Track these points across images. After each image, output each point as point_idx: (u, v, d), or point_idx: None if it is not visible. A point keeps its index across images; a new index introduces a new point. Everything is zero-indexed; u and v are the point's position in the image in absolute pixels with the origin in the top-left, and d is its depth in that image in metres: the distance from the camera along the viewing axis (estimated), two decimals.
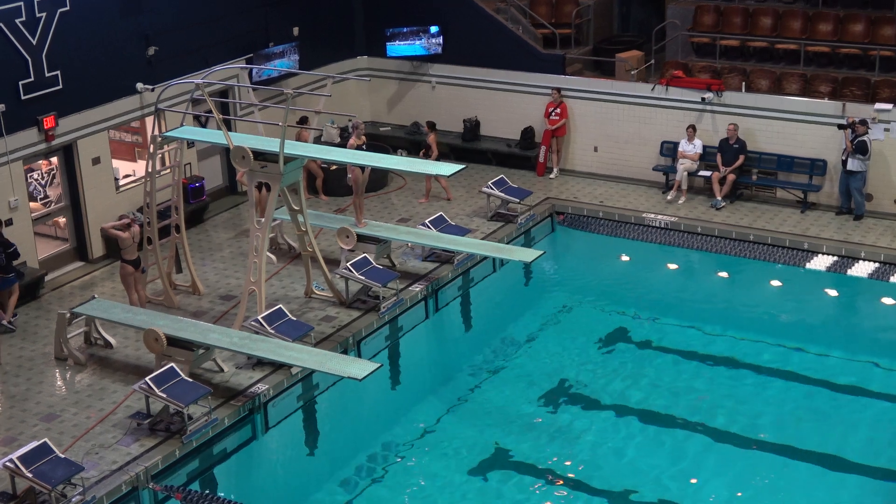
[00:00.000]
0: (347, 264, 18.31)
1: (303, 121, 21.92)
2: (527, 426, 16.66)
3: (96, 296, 17.81)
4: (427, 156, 22.95)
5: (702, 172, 22.40)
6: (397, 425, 16.80)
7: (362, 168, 20.02)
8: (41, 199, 19.97)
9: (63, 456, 13.70)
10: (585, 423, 16.70)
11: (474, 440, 16.27)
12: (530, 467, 15.72)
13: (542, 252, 19.32)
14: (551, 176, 23.93)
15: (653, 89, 22.93)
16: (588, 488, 15.18)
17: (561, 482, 15.38)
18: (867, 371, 17.77)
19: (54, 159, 19.82)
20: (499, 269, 20.67)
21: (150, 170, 18.13)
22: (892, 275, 19.61)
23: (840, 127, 20.83)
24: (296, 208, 17.86)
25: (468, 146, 24.77)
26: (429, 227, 19.85)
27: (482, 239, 20.48)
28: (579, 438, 16.32)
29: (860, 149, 20.61)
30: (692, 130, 22.27)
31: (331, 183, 22.96)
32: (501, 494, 15.14)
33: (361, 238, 19.25)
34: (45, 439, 13.80)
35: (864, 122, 20.66)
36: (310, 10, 24.18)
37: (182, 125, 18.54)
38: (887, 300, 19.68)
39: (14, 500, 13.47)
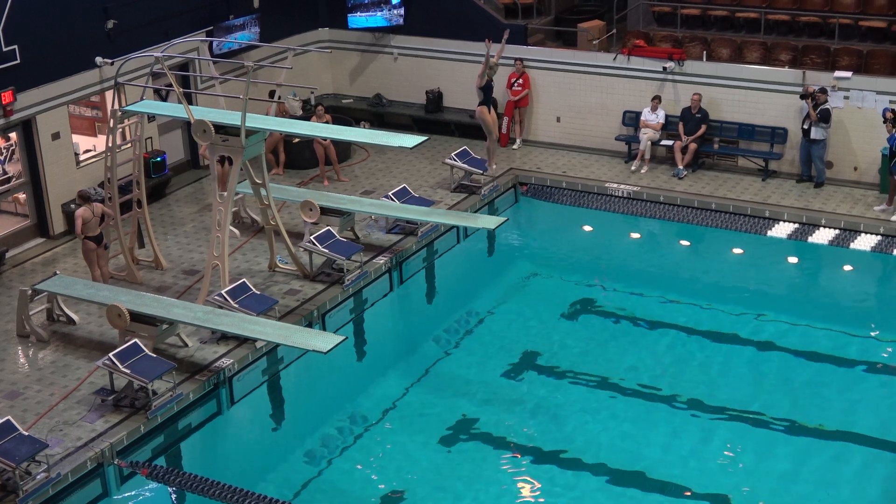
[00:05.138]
0: (311, 237, 18.28)
1: (272, 95, 21.80)
2: (493, 396, 16.73)
3: (58, 272, 17.71)
4: None
5: (664, 142, 22.49)
6: (363, 398, 16.82)
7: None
8: None
9: (27, 433, 13.65)
10: (551, 392, 16.80)
11: (441, 411, 16.32)
12: (497, 437, 15.80)
13: (505, 219, 19.36)
14: (514, 147, 23.95)
15: (615, 59, 22.97)
16: (553, 457, 15.28)
17: (527, 451, 15.47)
18: (827, 337, 17.94)
19: (13, 135, 19.63)
20: (463, 240, 20.72)
21: (110, 144, 18.01)
22: (852, 241, 19.81)
23: (802, 97, 20.95)
24: (258, 182, 17.80)
25: (431, 118, 24.74)
26: (392, 200, 19.84)
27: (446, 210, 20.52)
28: (544, 408, 16.41)
29: (824, 117, 20.75)
30: (657, 101, 22.32)
31: (293, 156, 22.90)
32: (468, 464, 15.21)
33: (325, 211, 19.22)
34: (9, 417, 13.75)
35: (823, 91, 20.79)
36: None
37: (142, 99, 18.41)
38: (847, 267, 19.89)
39: None
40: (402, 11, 24.68)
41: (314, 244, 18.09)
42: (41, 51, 19.44)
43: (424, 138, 17.43)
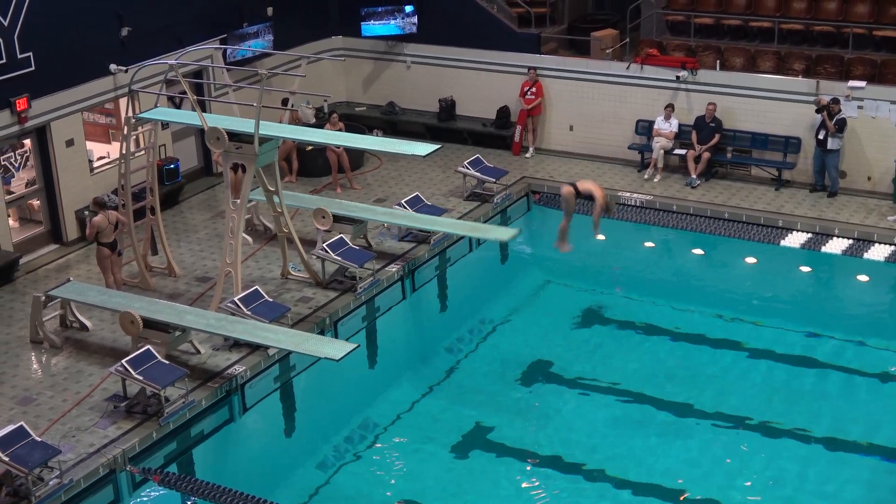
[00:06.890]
0: (324, 245, 18.29)
1: (285, 103, 21.84)
2: (505, 405, 16.70)
3: (71, 278, 17.74)
4: None
5: (677, 151, 22.46)
6: (375, 405, 16.81)
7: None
8: (14, 182, 19.85)
9: (39, 439, 13.66)
10: (563, 401, 16.76)
11: (453, 420, 16.30)
12: (509, 446, 15.76)
13: (517, 230, 19.41)
14: (527, 155, 23.94)
15: (628, 68, 22.96)
16: (566, 466, 15.24)
17: (539, 460, 15.44)
18: (840, 347, 17.89)
19: (27, 142, 19.69)
20: (475, 248, 20.70)
21: (124, 151, 18.04)
22: (866, 251, 19.75)
23: (817, 111, 20.89)
24: (271, 189, 17.81)
25: (444, 126, 24.75)
26: (405, 208, 19.84)
27: (458, 219, 20.50)
28: (557, 417, 16.38)
29: (841, 127, 20.71)
30: (671, 109, 22.29)
31: (306, 164, 22.93)
32: (480, 473, 15.18)
33: (338, 218, 19.23)
34: (22, 423, 13.75)
35: (836, 101, 20.75)
36: None
37: (156, 106, 18.45)
38: (861, 277, 19.81)
39: None
40: (415, 20, 24.71)
41: (327, 252, 18.09)
42: (56, 58, 19.50)
43: (437, 146, 17.43)
